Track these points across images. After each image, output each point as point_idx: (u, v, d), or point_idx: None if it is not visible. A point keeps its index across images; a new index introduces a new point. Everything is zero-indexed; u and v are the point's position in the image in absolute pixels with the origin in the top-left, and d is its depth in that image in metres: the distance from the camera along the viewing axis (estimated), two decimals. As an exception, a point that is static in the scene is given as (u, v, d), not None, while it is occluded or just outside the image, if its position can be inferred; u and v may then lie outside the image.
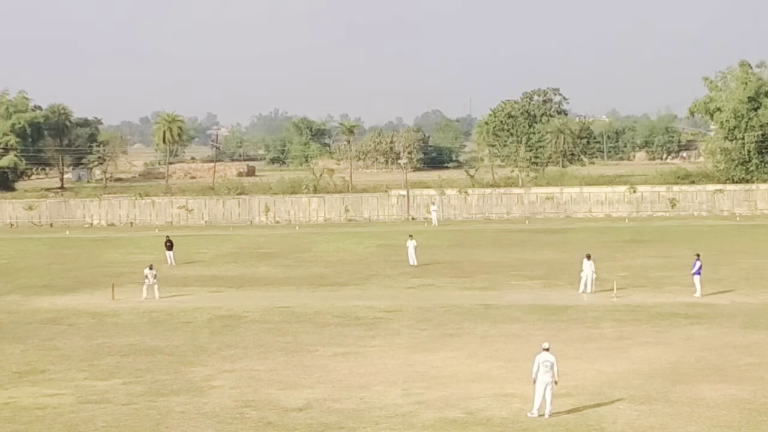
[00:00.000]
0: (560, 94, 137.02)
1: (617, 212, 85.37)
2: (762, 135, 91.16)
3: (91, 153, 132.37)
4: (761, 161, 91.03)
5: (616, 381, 26.99)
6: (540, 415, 23.79)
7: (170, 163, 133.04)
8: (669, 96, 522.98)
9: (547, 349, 24.23)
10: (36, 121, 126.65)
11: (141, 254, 61.78)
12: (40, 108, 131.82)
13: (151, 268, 44.23)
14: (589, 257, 43.06)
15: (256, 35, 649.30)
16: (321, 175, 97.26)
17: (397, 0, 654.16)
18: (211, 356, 31.58)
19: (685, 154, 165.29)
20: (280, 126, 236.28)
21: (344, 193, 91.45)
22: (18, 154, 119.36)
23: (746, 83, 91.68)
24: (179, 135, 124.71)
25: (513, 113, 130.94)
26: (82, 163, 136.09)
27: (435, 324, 36.37)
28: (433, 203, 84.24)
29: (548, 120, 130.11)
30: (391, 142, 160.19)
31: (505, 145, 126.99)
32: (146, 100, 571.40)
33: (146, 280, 43.78)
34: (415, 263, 52.75)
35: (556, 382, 23.95)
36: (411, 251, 53.37)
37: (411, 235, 55.55)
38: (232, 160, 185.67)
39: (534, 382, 23.96)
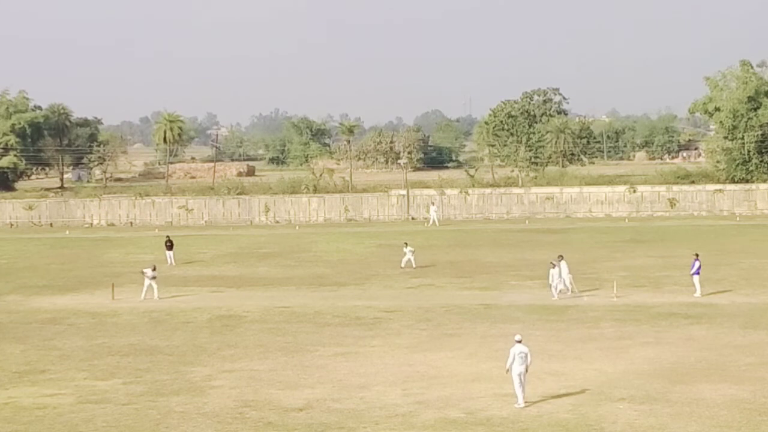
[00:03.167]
0: (560, 94, 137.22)
1: (617, 212, 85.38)
2: (762, 135, 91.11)
3: (91, 153, 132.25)
4: (761, 161, 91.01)
5: (616, 381, 26.99)
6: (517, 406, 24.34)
7: (170, 163, 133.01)
8: (669, 96, 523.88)
9: (520, 341, 24.95)
10: (36, 121, 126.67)
11: (141, 254, 61.81)
12: (40, 108, 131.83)
13: (153, 269, 44.25)
14: (561, 258, 42.97)
15: (256, 35, 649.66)
16: (321, 175, 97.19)
17: (398, 0, 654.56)
18: (211, 356, 31.58)
19: (685, 154, 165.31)
20: (280, 126, 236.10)
21: (344, 193, 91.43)
22: (18, 154, 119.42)
23: (746, 83, 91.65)
24: (179, 135, 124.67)
25: (513, 113, 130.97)
26: (82, 163, 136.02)
27: (435, 324, 36.38)
28: (433, 203, 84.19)
29: (548, 120, 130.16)
30: (391, 142, 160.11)
31: (505, 145, 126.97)
32: (146, 100, 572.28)
33: (146, 279, 43.73)
34: (414, 266, 52.20)
35: (526, 370, 24.69)
36: (409, 257, 52.73)
37: (406, 243, 54.67)
38: (232, 160, 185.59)
39: (507, 371, 24.76)
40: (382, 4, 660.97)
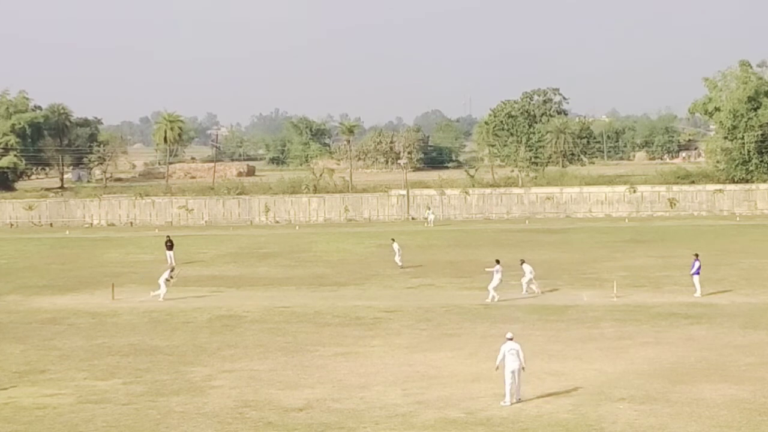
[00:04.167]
0: (560, 94, 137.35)
1: (617, 212, 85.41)
2: (762, 135, 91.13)
3: (91, 153, 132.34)
4: (761, 161, 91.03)
5: (616, 381, 26.98)
6: (513, 403, 24.50)
7: (170, 163, 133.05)
8: (669, 96, 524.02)
9: (511, 339, 25.24)
10: (36, 121, 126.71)
11: (141, 254, 61.81)
12: (40, 108, 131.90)
13: (171, 270, 44.25)
14: (523, 261, 43.01)
15: (256, 35, 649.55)
16: (321, 175, 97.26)
17: (397, 0, 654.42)
18: (211, 356, 31.57)
19: (685, 154, 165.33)
20: (280, 126, 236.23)
21: (344, 193, 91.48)
22: (18, 154, 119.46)
23: (746, 83, 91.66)
24: (179, 135, 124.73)
25: (513, 113, 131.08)
26: (82, 163, 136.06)
27: (435, 324, 36.38)
28: (429, 207, 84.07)
29: (548, 120, 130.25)
30: (391, 142, 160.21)
31: (505, 145, 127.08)
32: (146, 100, 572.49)
33: (167, 279, 43.55)
34: (401, 264, 52.29)
35: (523, 368, 24.91)
36: (397, 255, 52.89)
37: (393, 239, 55.06)
38: (232, 160, 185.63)
39: (497, 368, 25.04)
40: (382, 4, 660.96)
